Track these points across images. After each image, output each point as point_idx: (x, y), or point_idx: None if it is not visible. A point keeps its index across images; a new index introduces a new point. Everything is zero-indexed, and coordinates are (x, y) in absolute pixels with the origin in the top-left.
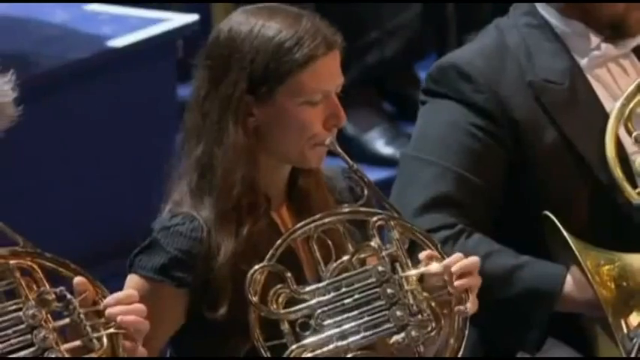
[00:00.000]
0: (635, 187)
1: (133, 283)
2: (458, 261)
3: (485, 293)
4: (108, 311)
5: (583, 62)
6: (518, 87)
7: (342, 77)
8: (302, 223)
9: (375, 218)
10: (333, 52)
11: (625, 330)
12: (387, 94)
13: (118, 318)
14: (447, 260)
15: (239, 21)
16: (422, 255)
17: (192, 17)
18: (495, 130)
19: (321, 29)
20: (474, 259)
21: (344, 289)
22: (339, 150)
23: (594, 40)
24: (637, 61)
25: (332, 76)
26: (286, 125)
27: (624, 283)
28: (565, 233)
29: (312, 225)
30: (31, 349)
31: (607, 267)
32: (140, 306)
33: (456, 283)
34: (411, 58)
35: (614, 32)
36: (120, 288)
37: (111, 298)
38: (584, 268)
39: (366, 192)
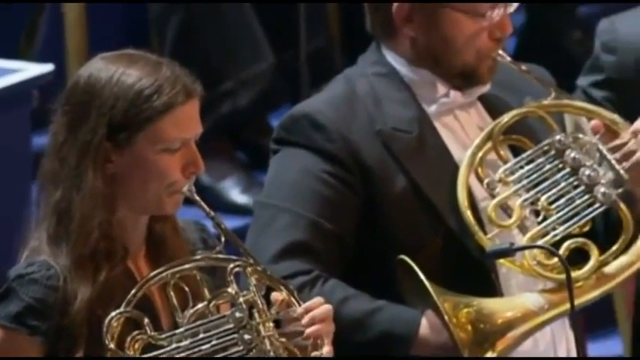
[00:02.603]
0: (485, 232)
1: None
2: (317, 306)
3: (343, 338)
4: None
5: (431, 110)
6: (368, 135)
7: (200, 125)
8: (159, 269)
9: (232, 265)
10: (192, 101)
11: None
12: (241, 143)
13: None
14: (304, 306)
15: (99, 68)
16: (274, 296)
17: (47, 67)
18: (347, 177)
19: (181, 77)
20: (327, 307)
21: (202, 335)
22: (197, 198)
23: (442, 88)
24: (482, 109)
25: (191, 124)
26: (145, 172)
27: (481, 326)
28: (422, 276)
29: (169, 271)
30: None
31: (464, 310)
32: None
33: (310, 330)
34: (264, 109)
35: (465, 81)
36: None
37: None
38: (442, 310)
39: (223, 239)
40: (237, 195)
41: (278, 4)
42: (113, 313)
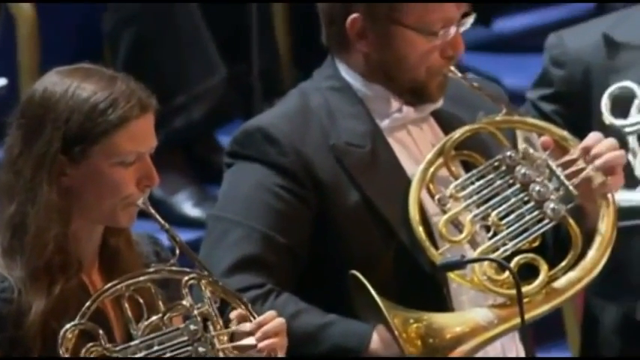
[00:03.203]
0: (436, 247)
1: None
2: (270, 320)
3: (295, 351)
4: None
5: (384, 125)
6: (322, 149)
7: (155, 139)
8: (114, 282)
9: (186, 277)
10: (147, 115)
11: None
12: (193, 157)
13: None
14: (257, 320)
15: (54, 81)
16: (233, 314)
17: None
18: (300, 191)
19: (136, 91)
20: (280, 321)
21: (156, 348)
22: (152, 210)
23: (395, 103)
24: (435, 125)
25: (146, 137)
26: (99, 185)
27: (430, 340)
28: (372, 291)
29: (124, 284)
30: None
31: (414, 325)
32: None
33: (263, 343)
34: (217, 123)
35: (415, 97)
36: None
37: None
38: (392, 325)
39: (177, 252)
40: (189, 208)
41: (230, 18)
42: (68, 326)
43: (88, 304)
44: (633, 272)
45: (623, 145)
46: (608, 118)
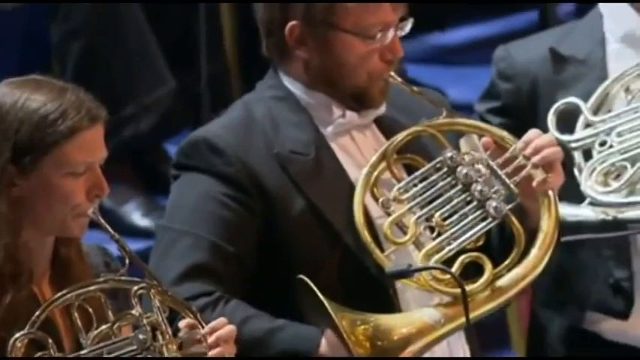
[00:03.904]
0: (382, 250)
1: None
2: (221, 327)
3: (244, 357)
4: None
5: (327, 132)
6: (267, 158)
7: (105, 150)
8: (63, 291)
9: (136, 287)
10: (97, 125)
11: None
12: (142, 167)
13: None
14: (209, 326)
15: (3, 93)
16: (182, 323)
17: None
18: (246, 200)
19: (86, 102)
20: (231, 328)
21: (105, 357)
22: (102, 220)
23: (337, 110)
24: (377, 131)
25: (95, 148)
26: (50, 195)
27: (379, 342)
28: (320, 295)
29: (74, 293)
30: None
31: (362, 327)
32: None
33: (213, 351)
34: (166, 133)
35: (357, 104)
36: None
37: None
38: (340, 328)
39: (127, 262)
40: (138, 218)
41: (178, 28)
42: (17, 335)
43: (37, 313)
44: (578, 283)
45: (569, 160)
46: (554, 133)
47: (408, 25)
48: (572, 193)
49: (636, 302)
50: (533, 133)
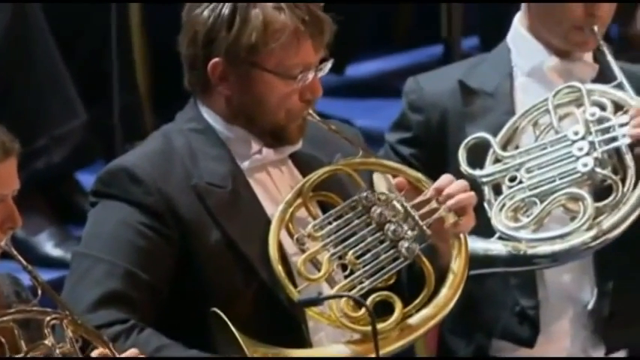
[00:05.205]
0: (295, 285)
1: None
2: (133, 357)
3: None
4: None
5: (245, 166)
6: (185, 189)
7: (18, 181)
8: None
9: (48, 318)
10: (10, 158)
11: None
12: (55, 198)
13: None
14: (122, 357)
15: None
16: (94, 353)
17: None
18: (163, 229)
19: None
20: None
21: None
22: (14, 252)
23: (255, 145)
24: (293, 167)
25: (9, 180)
26: None
27: None
28: (233, 328)
29: None
30: None
31: None
32: None
33: None
34: (78, 165)
35: (275, 140)
36: None
37: None
38: None
39: (40, 292)
40: (51, 248)
41: (90, 60)
42: None
43: None
44: (486, 311)
45: (479, 194)
46: (464, 168)
47: (328, 66)
48: (482, 227)
49: (542, 330)
50: (445, 179)
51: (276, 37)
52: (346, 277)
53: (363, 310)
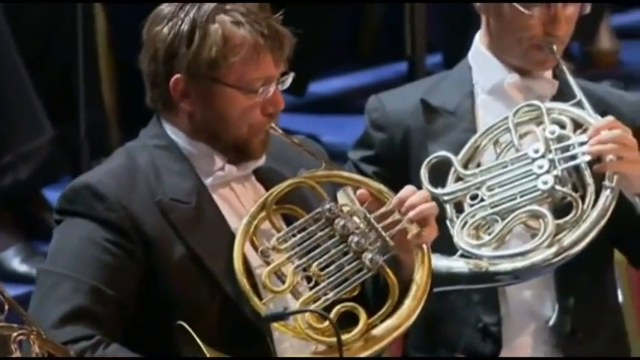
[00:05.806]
0: (260, 298)
1: None
2: None
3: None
4: None
5: (208, 182)
6: (149, 205)
7: None
8: None
9: (15, 333)
10: None
11: None
12: (21, 214)
13: None
14: None
15: None
16: None
17: None
18: (128, 245)
19: None
20: None
21: None
22: None
23: (219, 161)
24: (257, 182)
25: None
26: None
27: None
28: (199, 341)
29: None
30: None
31: None
32: None
33: None
34: (45, 181)
35: (239, 154)
36: None
37: None
38: None
39: (6, 308)
40: (17, 264)
41: (57, 76)
42: None
43: None
44: (448, 327)
45: (442, 212)
46: (426, 186)
47: (289, 79)
48: (444, 245)
49: (504, 346)
50: (407, 190)
51: (236, 51)
52: (311, 288)
53: (328, 322)
